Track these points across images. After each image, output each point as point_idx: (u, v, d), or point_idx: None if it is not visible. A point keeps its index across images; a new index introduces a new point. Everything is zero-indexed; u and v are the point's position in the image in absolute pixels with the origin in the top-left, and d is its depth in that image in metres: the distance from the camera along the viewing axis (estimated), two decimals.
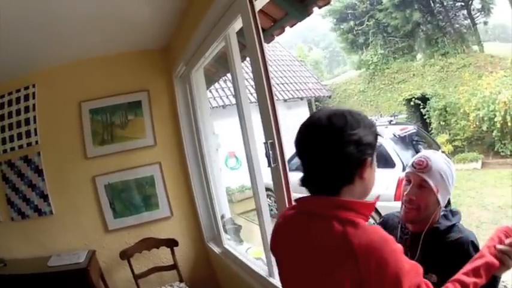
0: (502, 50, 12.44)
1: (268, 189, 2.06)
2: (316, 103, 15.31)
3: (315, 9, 2.33)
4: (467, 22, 13.47)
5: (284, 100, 12.92)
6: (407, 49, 14.41)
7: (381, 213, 2.84)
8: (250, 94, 4.40)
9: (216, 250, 3.60)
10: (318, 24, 27.43)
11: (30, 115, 3.65)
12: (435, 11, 13.84)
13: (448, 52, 12.91)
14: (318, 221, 1.13)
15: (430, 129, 11.76)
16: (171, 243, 3.74)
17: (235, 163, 10.85)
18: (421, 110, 12.35)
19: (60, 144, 3.70)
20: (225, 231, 3.55)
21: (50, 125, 3.68)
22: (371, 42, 15.09)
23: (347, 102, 15.72)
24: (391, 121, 8.19)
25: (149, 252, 3.77)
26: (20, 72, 3.55)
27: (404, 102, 13.32)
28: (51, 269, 3.26)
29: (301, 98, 13.79)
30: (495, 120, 9.42)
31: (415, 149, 6.60)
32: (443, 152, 6.74)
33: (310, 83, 14.81)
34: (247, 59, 2.31)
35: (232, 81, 2.51)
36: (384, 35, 14.81)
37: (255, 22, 1.92)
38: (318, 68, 24.62)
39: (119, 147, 3.83)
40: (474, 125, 10.28)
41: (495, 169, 9.29)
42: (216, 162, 3.66)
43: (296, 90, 13.85)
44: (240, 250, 3.20)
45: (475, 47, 12.86)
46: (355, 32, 15.73)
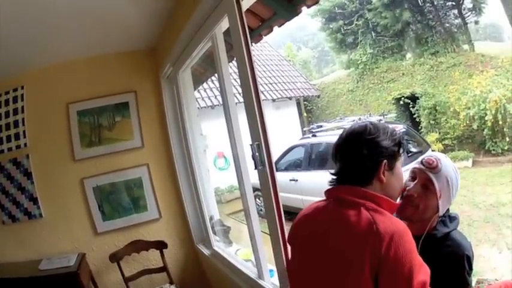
0: (493, 49, 12.53)
1: (257, 189, 2.05)
2: (304, 103, 15.39)
3: (304, 8, 2.32)
4: (457, 21, 13.47)
5: (273, 100, 12.96)
6: (396, 48, 14.40)
7: None
8: (239, 94, 4.39)
9: (206, 252, 3.59)
10: (307, 23, 27.60)
11: (19, 117, 3.60)
12: (425, 11, 13.85)
13: (438, 51, 12.90)
14: (349, 207, 1.27)
15: (420, 128, 11.82)
16: (160, 245, 3.72)
17: (224, 163, 10.88)
18: (411, 109, 12.41)
19: (48, 146, 3.67)
20: (214, 232, 3.53)
21: (38, 127, 3.64)
22: (360, 41, 15.08)
23: (336, 101, 15.75)
24: (380, 120, 8.19)
25: (138, 254, 3.75)
26: (8, 73, 3.50)
27: (393, 101, 13.34)
28: (42, 273, 3.23)
29: (289, 98, 13.87)
30: (486, 118, 9.50)
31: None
32: (433, 151, 6.79)
33: (298, 83, 14.89)
34: (235, 59, 2.30)
35: (218, 81, 2.50)
36: (373, 35, 14.80)
37: (242, 22, 1.89)
38: (307, 68, 24.72)
39: (107, 149, 3.80)
40: (464, 124, 10.38)
41: (486, 167, 9.38)
42: (204, 163, 3.65)
43: (285, 89, 13.92)
44: (229, 252, 3.19)
45: (466, 46, 12.89)
46: (344, 32, 15.70)
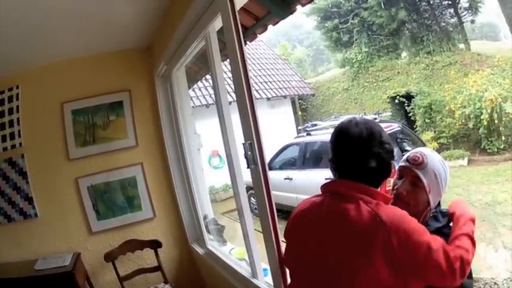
0: (490, 49, 12.59)
1: (251, 187, 2.05)
2: (299, 101, 15.37)
3: (298, 7, 2.33)
4: (453, 20, 13.49)
5: (267, 99, 12.94)
6: (392, 47, 14.42)
7: None
8: (233, 92, 4.39)
9: (200, 251, 3.59)
10: (303, 22, 27.63)
11: (14, 117, 3.58)
12: (421, 10, 13.87)
13: (434, 50, 12.93)
14: (347, 202, 1.30)
15: (415, 126, 11.84)
16: (155, 244, 3.72)
17: (218, 162, 10.86)
18: (406, 108, 12.43)
19: (43, 146, 3.65)
20: (208, 231, 3.53)
21: (33, 127, 3.62)
22: (355, 40, 15.07)
23: (331, 100, 15.75)
24: (375, 119, 8.17)
25: (133, 254, 3.75)
26: (4, 73, 3.48)
27: (388, 100, 13.35)
28: (38, 273, 3.23)
29: (284, 97, 13.85)
30: (481, 117, 9.53)
31: (400, 147, 6.60)
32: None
33: (293, 81, 14.88)
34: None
35: (212, 80, 2.49)
36: (369, 33, 14.79)
37: (235, 21, 1.88)
38: (302, 66, 24.67)
39: (101, 148, 3.79)
40: (460, 123, 10.42)
41: (482, 166, 9.42)
42: (198, 162, 3.65)
43: (279, 88, 13.91)
44: (223, 251, 3.19)
45: (462, 45, 12.92)
46: (339, 30, 15.69)
